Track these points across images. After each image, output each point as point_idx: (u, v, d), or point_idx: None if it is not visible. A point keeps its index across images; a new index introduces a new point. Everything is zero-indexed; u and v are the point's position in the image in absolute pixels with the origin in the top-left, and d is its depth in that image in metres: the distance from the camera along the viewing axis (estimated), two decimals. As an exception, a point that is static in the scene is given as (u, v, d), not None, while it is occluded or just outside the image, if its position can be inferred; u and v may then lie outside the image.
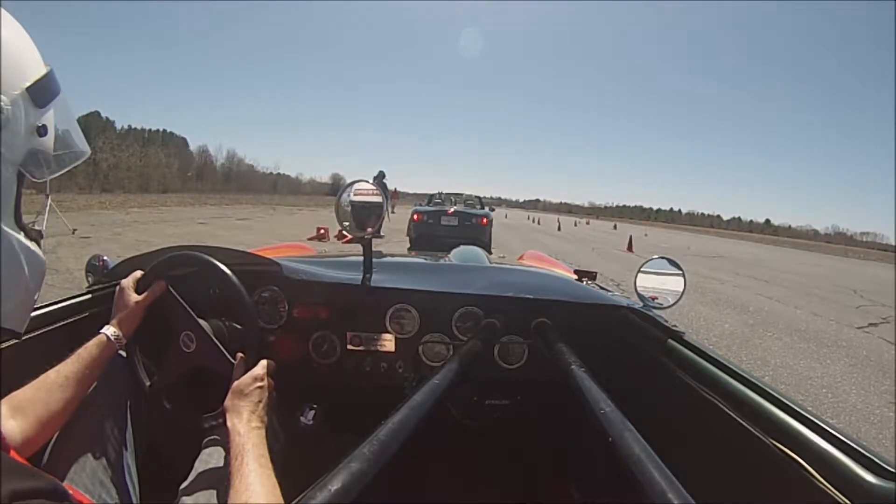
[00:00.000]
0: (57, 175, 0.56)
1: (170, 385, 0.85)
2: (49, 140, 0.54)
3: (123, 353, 0.84)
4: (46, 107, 0.52)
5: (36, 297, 0.56)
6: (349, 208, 1.09)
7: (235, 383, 0.76)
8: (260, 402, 0.74)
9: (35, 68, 0.51)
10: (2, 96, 0.46)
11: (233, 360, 0.81)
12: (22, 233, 0.51)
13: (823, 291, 9.04)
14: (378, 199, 1.09)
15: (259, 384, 0.76)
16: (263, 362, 0.80)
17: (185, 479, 0.76)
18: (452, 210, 8.29)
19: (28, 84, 0.49)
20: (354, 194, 1.09)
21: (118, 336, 0.79)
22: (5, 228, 0.48)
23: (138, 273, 0.88)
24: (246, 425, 0.69)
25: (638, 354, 1.07)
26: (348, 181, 1.12)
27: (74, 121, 0.61)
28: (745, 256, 17.39)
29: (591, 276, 1.46)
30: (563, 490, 1.31)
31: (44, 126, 0.52)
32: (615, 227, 33.85)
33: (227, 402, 0.73)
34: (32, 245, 0.53)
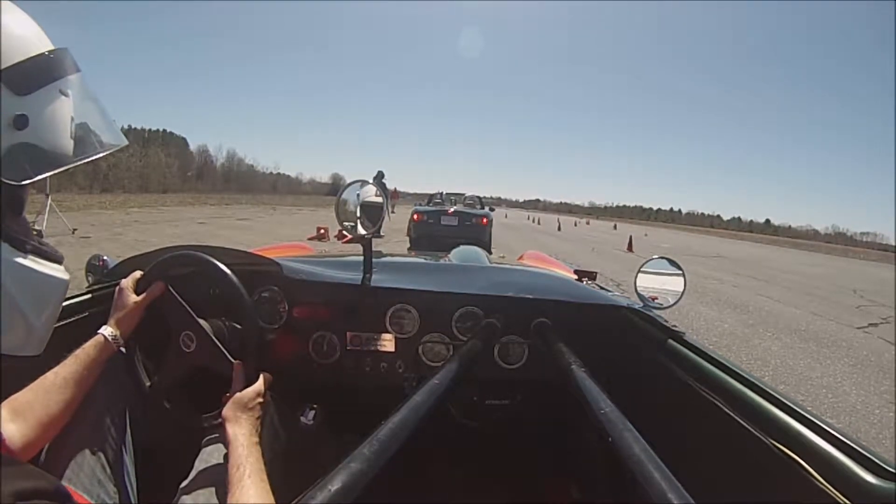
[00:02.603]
0: (44, 176, 0.47)
1: (169, 385, 0.85)
2: (36, 133, 0.46)
3: (124, 350, 0.83)
4: (29, 94, 0.46)
5: (43, 317, 0.50)
6: (349, 208, 1.10)
7: (238, 395, 0.75)
8: (259, 417, 0.75)
9: (19, 51, 0.45)
10: None
11: (233, 360, 0.81)
12: (10, 247, 0.46)
13: (823, 291, 9.04)
14: (378, 198, 1.10)
15: (260, 399, 0.77)
16: (263, 376, 0.81)
17: (185, 478, 0.76)
18: (452, 210, 8.29)
19: (3, 67, 0.43)
20: (354, 194, 1.09)
21: (116, 336, 0.79)
22: None
23: (138, 273, 0.88)
24: (248, 438, 0.69)
25: (638, 354, 1.07)
26: (348, 181, 1.12)
27: (97, 109, 0.54)
28: (744, 256, 17.39)
29: (591, 276, 1.46)
30: (563, 490, 1.31)
31: (23, 116, 0.45)
32: (615, 227, 33.84)
33: (228, 412, 0.73)
34: (28, 260, 0.47)
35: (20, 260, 0.46)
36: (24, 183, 0.45)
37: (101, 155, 0.54)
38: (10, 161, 0.44)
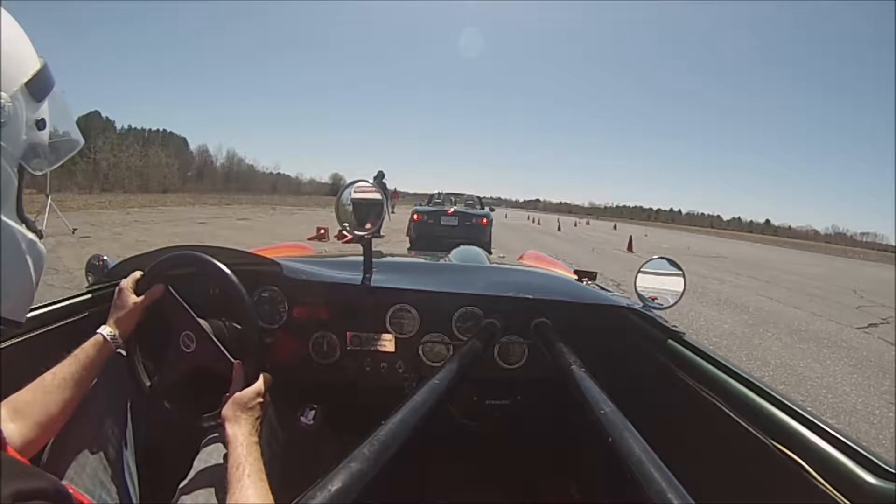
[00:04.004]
0: (55, 167, 0.57)
1: (170, 385, 0.85)
2: (47, 133, 0.54)
3: (123, 352, 0.84)
4: (44, 101, 0.53)
5: (35, 288, 0.56)
6: (349, 208, 1.09)
7: (238, 395, 0.76)
8: (258, 418, 0.76)
9: (31, 63, 0.52)
10: (3, 93, 0.47)
11: (233, 360, 0.81)
12: (24, 225, 0.52)
13: (823, 291, 9.04)
14: (378, 198, 1.09)
15: (260, 399, 0.77)
16: (263, 377, 0.81)
17: (185, 478, 0.76)
18: (452, 210, 8.30)
19: (26, 79, 0.50)
20: (354, 193, 1.09)
21: (115, 336, 0.79)
22: (8, 221, 0.49)
23: (137, 273, 0.88)
24: (248, 438, 0.70)
25: (638, 354, 1.07)
26: (348, 181, 1.12)
27: (68, 111, 0.61)
28: (744, 256, 17.40)
29: (591, 276, 1.46)
30: (563, 490, 1.31)
31: (42, 119, 0.53)
32: (615, 227, 33.84)
33: (228, 412, 0.73)
34: (34, 236, 0.54)
35: (32, 237, 0.53)
36: (41, 173, 0.54)
37: (73, 153, 0.61)
38: (34, 155, 0.52)
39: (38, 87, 0.52)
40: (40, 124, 0.53)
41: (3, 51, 0.48)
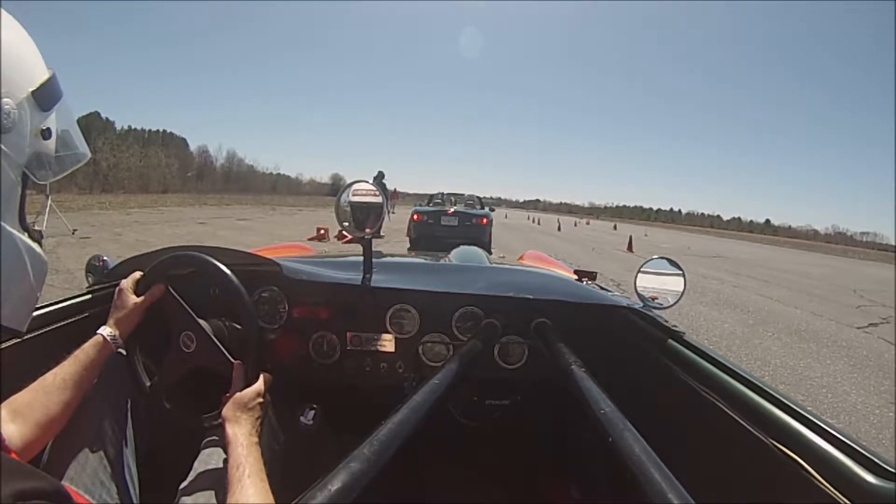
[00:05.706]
0: (59, 178, 0.57)
1: (170, 385, 0.85)
2: (52, 143, 0.55)
3: (124, 352, 0.84)
4: (50, 110, 0.53)
5: (37, 297, 0.56)
6: (349, 208, 1.09)
7: (238, 395, 0.76)
8: (258, 418, 0.76)
9: (39, 72, 0.52)
10: (8, 100, 0.47)
11: (233, 360, 0.81)
12: (26, 233, 0.52)
13: (823, 291, 9.04)
14: (378, 199, 1.09)
15: (260, 400, 0.77)
16: (263, 377, 0.81)
17: (185, 479, 0.76)
18: (452, 210, 8.30)
19: (33, 88, 0.51)
20: (354, 194, 1.09)
21: (115, 336, 0.79)
22: (10, 229, 0.49)
23: (137, 274, 0.88)
24: (248, 438, 0.70)
25: (638, 354, 1.07)
26: (348, 181, 1.12)
27: (75, 123, 0.62)
28: (744, 256, 17.40)
29: (591, 276, 1.46)
30: (563, 490, 1.31)
31: (48, 129, 0.53)
32: (615, 227, 33.83)
33: (228, 412, 0.73)
34: (35, 245, 0.54)
35: (34, 245, 0.54)
36: (44, 183, 0.54)
37: (79, 165, 0.62)
38: (38, 164, 0.53)
39: (46, 96, 0.52)
40: (46, 133, 0.53)
41: (10, 57, 0.48)
